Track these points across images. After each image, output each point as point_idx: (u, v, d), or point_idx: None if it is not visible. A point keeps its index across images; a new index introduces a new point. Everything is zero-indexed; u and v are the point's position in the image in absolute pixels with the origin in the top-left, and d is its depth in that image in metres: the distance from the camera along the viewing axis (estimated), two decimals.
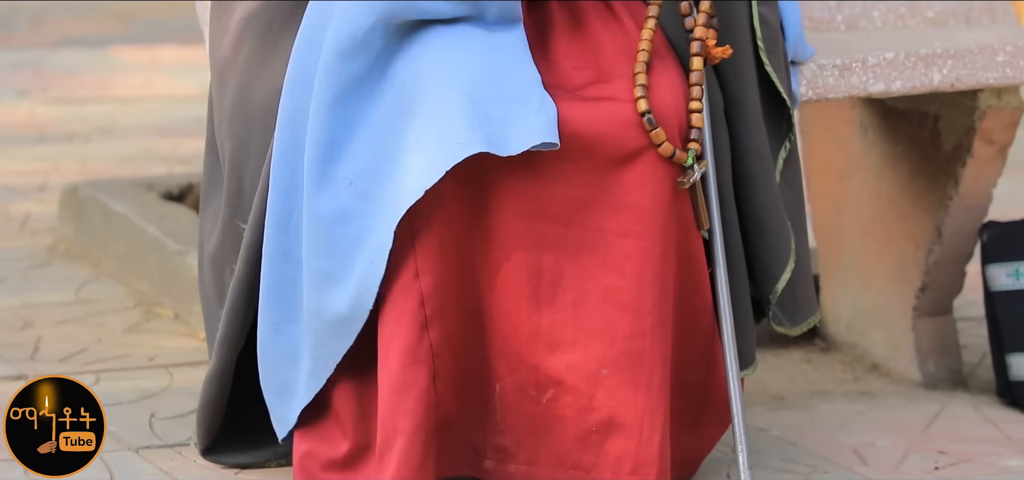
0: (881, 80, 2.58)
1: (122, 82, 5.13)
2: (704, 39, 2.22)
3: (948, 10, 2.86)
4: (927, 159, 2.81)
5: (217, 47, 2.33)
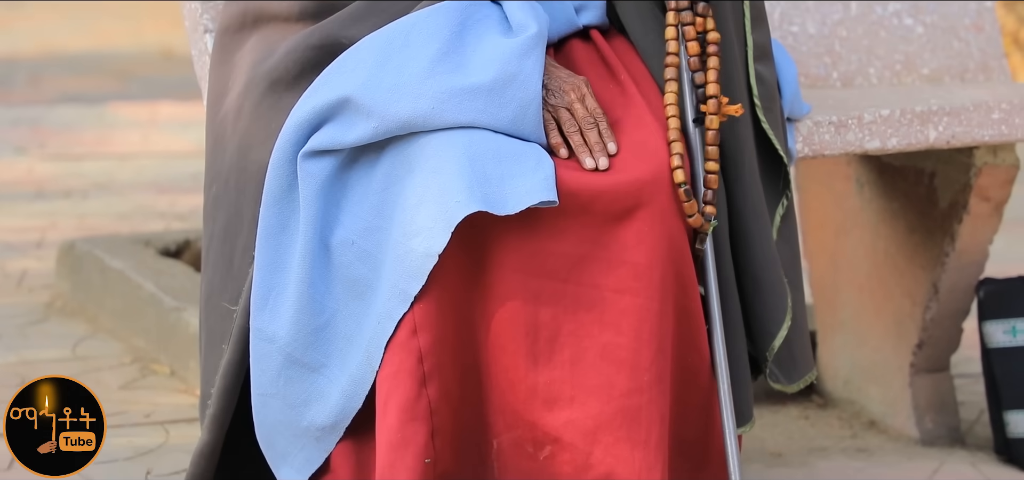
0: (877, 137, 2.59)
1: (120, 139, 5.15)
2: (718, 96, 2.23)
3: (943, 68, 2.88)
4: (923, 216, 2.82)
5: (215, 108, 2.33)
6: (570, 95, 2.19)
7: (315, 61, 2.21)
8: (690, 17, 2.23)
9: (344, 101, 2.14)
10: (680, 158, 2.17)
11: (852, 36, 2.90)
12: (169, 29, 7.12)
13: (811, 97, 2.67)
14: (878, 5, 2.92)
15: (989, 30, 2.94)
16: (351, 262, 2.15)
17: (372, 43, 2.18)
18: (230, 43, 2.33)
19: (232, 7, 2.34)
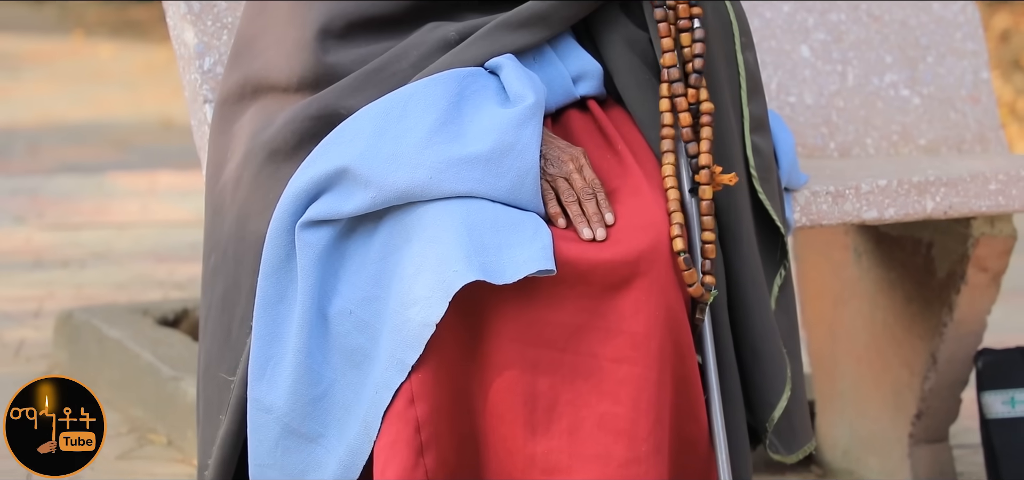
0: (874, 207, 2.60)
1: (118, 208, 5.15)
2: (711, 166, 2.24)
3: (940, 139, 2.89)
4: (921, 286, 2.82)
5: (215, 178, 2.33)
6: (568, 165, 2.19)
7: (314, 131, 2.22)
8: (682, 88, 2.24)
9: (342, 171, 2.15)
10: (679, 228, 2.17)
11: (849, 107, 2.91)
12: (169, 98, 7.14)
13: (808, 167, 2.68)
14: (875, 76, 2.93)
15: (985, 101, 2.95)
16: (349, 331, 2.15)
17: (370, 113, 2.19)
18: (229, 113, 2.34)
19: (231, 78, 2.35)
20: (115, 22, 10.16)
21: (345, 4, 2.27)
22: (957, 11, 2.99)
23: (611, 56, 2.31)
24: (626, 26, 2.32)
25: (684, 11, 2.25)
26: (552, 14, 2.27)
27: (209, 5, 2.56)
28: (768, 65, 2.88)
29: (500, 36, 2.25)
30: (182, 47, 2.56)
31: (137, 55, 8.87)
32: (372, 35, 2.28)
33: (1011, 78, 6.67)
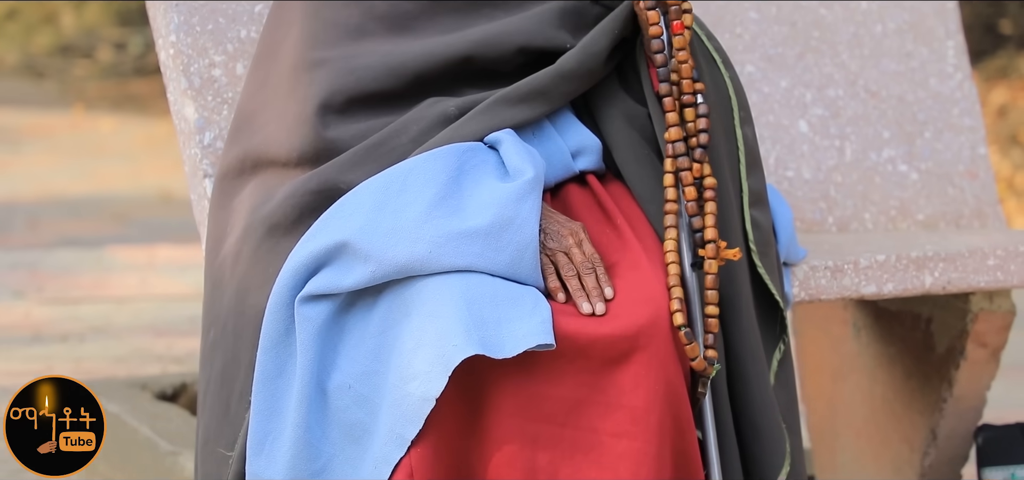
0: (873, 282, 2.60)
1: (118, 282, 5.15)
2: (716, 241, 2.24)
3: (938, 214, 2.89)
4: (920, 361, 2.82)
5: (214, 252, 2.34)
6: (568, 240, 2.20)
7: (313, 206, 2.22)
8: (687, 162, 2.25)
9: (341, 245, 2.15)
10: (680, 302, 2.17)
11: (847, 182, 2.91)
12: (168, 172, 7.16)
13: (807, 242, 2.68)
14: (873, 151, 2.94)
15: (983, 177, 2.96)
16: (348, 406, 2.15)
17: (370, 187, 2.20)
18: (229, 188, 2.34)
19: (231, 152, 2.36)
20: (116, 96, 10.20)
21: (345, 79, 2.28)
22: (954, 87, 3.00)
23: (610, 131, 2.32)
24: (625, 101, 2.33)
25: (688, 87, 2.26)
26: (551, 89, 2.28)
27: (210, 81, 2.57)
28: (766, 140, 2.89)
29: (499, 111, 2.26)
30: (182, 122, 2.57)
31: (137, 129, 8.89)
32: (372, 110, 2.29)
33: (1009, 153, 6.69)
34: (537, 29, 2.31)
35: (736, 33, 2.95)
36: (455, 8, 2.34)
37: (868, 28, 3.01)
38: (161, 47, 2.60)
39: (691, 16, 2.26)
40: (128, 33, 11.50)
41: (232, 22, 2.61)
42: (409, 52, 2.30)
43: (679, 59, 2.25)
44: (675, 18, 2.25)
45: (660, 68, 2.26)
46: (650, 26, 2.25)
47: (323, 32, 2.32)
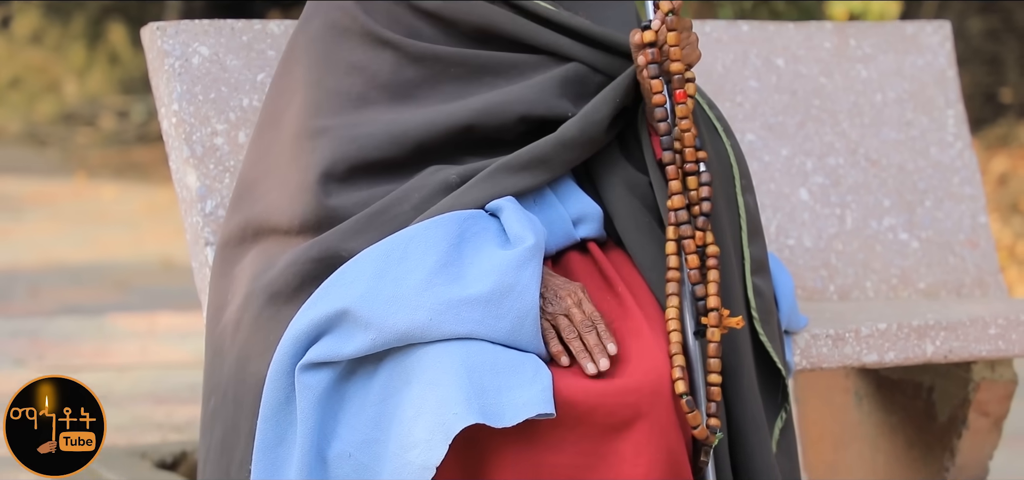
0: (875, 351, 2.59)
1: (118, 350, 5.15)
2: (718, 309, 2.24)
3: (940, 283, 2.89)
4: (922, 430, 2.81)
5: (215, 320, 2.33)
6: (567, 301, 2.20)
7: (315, 274, 2.22)
8: (690, 230, 2.25)
9: (342, 313, 2.15)
10: (681, 370, 2.17)
11: (848, 250, 2.92)
12: (170, 239, 7.16)
13: (808, 310, 2.68)
14: (873, 220, 2.94)
15: (984, 246, 2.96)
16: (348, 475, 2.14)
17: (370, 255, 2.20)
18: (230, 256, 2.35)
19: (233, 221, 2.36)
20: (118, 164, 10.23)
21: (347, 148, 2.29)
22: (954, 155, 3.01)
23: (611, 199, 2.33)
24: (626, 169, 2.33)
25: (690, 155, 2.26)
26: (553, 157, 2.29)
27: (212, 149, 2.58)
28: (767, 208, 2.89)
29: (501, 179, 2.26)
30: (184, 190, 2.57)
31: (139, 196, 8.91)
32: (374, 178, 2.29)
33: (1010, 221, 6.69)
34: (539, 98, 2.32)
35: (737, 102, 2.96)
36: (457, 76, 2.35)
37: (868, 97, 3.01)
38: (164, 116, 2.61)
39: (694, 85, 2.27)
40: (131, 101, 11.54)
41: (235, 91, 2.62)
42: (411, 121, 2.30)
43: (682, 127, 2.26)
44: (678, 87, 2.26)
45: (663, 137, 2.26)
46: (653, 95, 2.26)
47: (326, 101, 2.33)
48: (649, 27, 2.26)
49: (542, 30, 2.36)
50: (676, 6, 2.25)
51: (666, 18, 2.25)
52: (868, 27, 3.07)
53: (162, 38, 2.60)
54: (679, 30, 2.25)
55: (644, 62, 2.26)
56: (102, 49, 12.65)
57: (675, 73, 2.25)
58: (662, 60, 2.26)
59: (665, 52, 2.25)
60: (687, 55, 2.26)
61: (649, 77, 2.26)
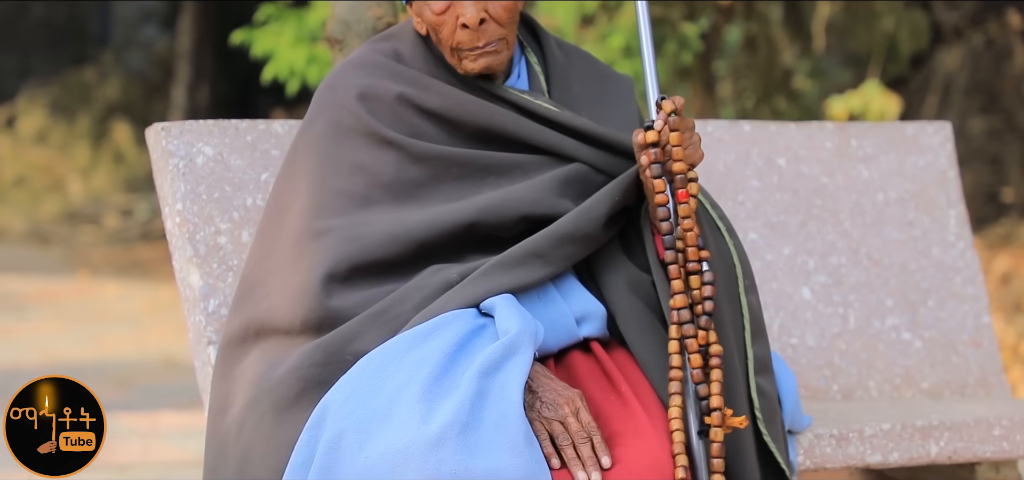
0: (878, 451, 2.58)
1: (120, 448, 5.13)
2: (722, 409, 2.23)
3: (943, 382, 2.88)
4: None
5: (217, 421, 2.33)
6: (564, 409, 2.19)
7: (319, 379, 2.22)
8: (692, 329, 2.25)
9: (338, 435, 2.14)
10: (685, 470, 2.16)
11: (851, 349, 2.91)
12: (172, 337, 7.15)
13: (812, 409, 2.67)
14: (876, 319, 2.94)
15: (987, 346, 2.96)
16: None
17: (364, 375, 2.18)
18: (232, 356, 2.34)
19: (236, 320, 2.36)
20: (121, 262, 10.23)
21: (350, 248, 2.29)
22: (957, 255, 3.01)
23: (614, 298, 2.33)
24: (628, 268, 2.33)
25: (693, 254, 2.27)
26: (549, 252, 2.29)
27: (215, 248, 2.58)
28: (770, 307, 2.89)
29: (497, 275, 2.26)
30: (187, 289, 2.57)
31: (142, 294, 8.91)
32: (376, 278, 2.29)
33: (1013, 321, 6.68)
34: (540, 197, 2.32)
35: (739, 201, 2.97)
36: (460, 176, 2.36)
37: (870, 197, 3.02)
38: (168, 215, 2.62)
39: (697, 184, 2.28)
40: (135, 199, 11.58)
41: (238, 190, 2.63)
42: (414, 221, 2.31)
43: (685, 227, 2.26)
44: (681, 186, 2.26)
45: (666, 236, 2.27)
46: (656, 194, 2.27)
47: (329, 201, 2.33)
48: (652, 127, 2.27)
49: (544, 130, 2.38)
50: (679, 106, 2.26)
51: (669, 118, 2.26)
52: (869, 127, 3.09)
53: (167, 138, 2.61)
54: (682, 130, 2.26)
55: (647, 161, 2.27)
56: (107, 148, 12.71)
57: (678, 173, 2.26)
58: (665, 160, 2.27)
59: (668, 152, 2.26)
60: (690, 155, 2.27)
61: (652, 176, 2.27)
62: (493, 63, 2.37)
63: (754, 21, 6.89)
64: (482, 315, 2.24)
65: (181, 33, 12.79)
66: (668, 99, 2.27)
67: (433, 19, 2.36)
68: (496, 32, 2.35)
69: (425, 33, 2.41)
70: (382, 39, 2.47)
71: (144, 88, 13.68)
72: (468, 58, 2.36)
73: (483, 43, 2.35)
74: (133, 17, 14.86)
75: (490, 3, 2.33)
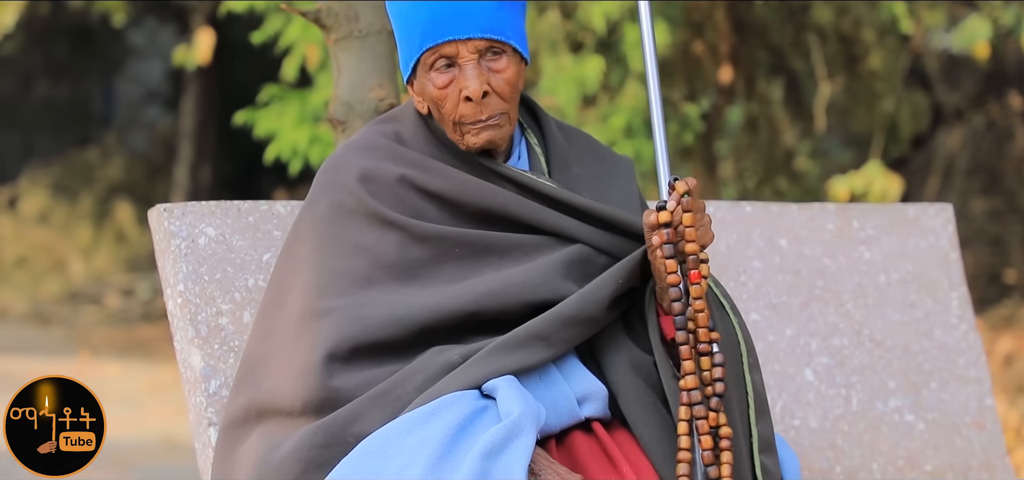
0: None
1: None
2: None
3: (946, 465, 2.87)
4: None
5: None
6: None
7: (320, 461, 2.21)
8: (703, 411, 2.24)
9: None
10: None
11: (854, 431, 2.90)
12: (172, 418, 7.13)
13: None
14: (879, 401, 2.93)
15: (991, 428, 2.94)
16: None
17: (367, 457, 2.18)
18: (233, 438, 2.33)
19: (237, 401, 2.35)
20: (122, 342, 10.22)
21: (351, 328, 2.29)
22: (959, 337, 3.01)
23: (616, 379, 2.32)
24: (631, 349, 2.33)
25: (704, 335, 2.26)
26: (552, 334, 2.28)
27: (216, 329, 2.57)
28: (772, 388, 2.88)
29: (500, 357, 2.26)
30: (188, 370, 2.56)
31: (142, 375, 8.89)
32: (378, 359, 2.29)
33: (1016, 403, 6.67)
34: (544, 281, 2.32)
35: (741, 281, 2.96)
36: (461, 257, 2.36)
37: (872, 278, 3.02)
38: (169, 296, 2.61)
39: (708, 266, 2.28)
40: (136, 279, 11.57)
41: (240, 271, 2.62)
42: (415, 304, 2.31)
43: (696, 308, 2.26)
44: (693, 267, 2.26)
45: (677, 317, 2.26)
46: (668, 275, 2.26)
47: (331, 281, 2.33)
48: (664, 207, 2.27)
49: (546, 210, 2.38)
50: (692, 187, 2.26)
51: (682, 199, 2.26)
52: (870, 209, 3.09)
53: (169, 219, 2.62)
54: (694, 211, 2.26)
55: (659, 242, 2.26)
56: (109, 227, 12.72)
57: (690, 254, 2.26)
58: (677, 240, 2.27)
59: (680, 233, 2.26)
60: (702, 236, 2.27)
61: (664, 257, 2.26)
62: (495, 137, 2.37)
63: (755, 101, 6.91)
64: (484, 397, 2.23)
65: (184, 113, 12.84)
66: (681, 180, 2.27)
67: (436, 94, 2.37)
68: (499, 106, 2.36)
69: (427, 112, 2.42)
70: (384, 121, 2.47)
71: (147, 168, 13.72)
72: (470, 132, 2.37)
73: (486, 116, 2.36)
74: (136, 97, 14.93)
75: (493, 76, 2.35)
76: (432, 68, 2.36)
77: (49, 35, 13.04)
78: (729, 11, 6.41)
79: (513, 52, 2.36)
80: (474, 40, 2.33)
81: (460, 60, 2.34)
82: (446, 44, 2.33)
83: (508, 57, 2.36)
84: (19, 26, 9.34)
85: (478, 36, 2.33)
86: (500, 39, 2.34)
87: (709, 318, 2.27)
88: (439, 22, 2.33)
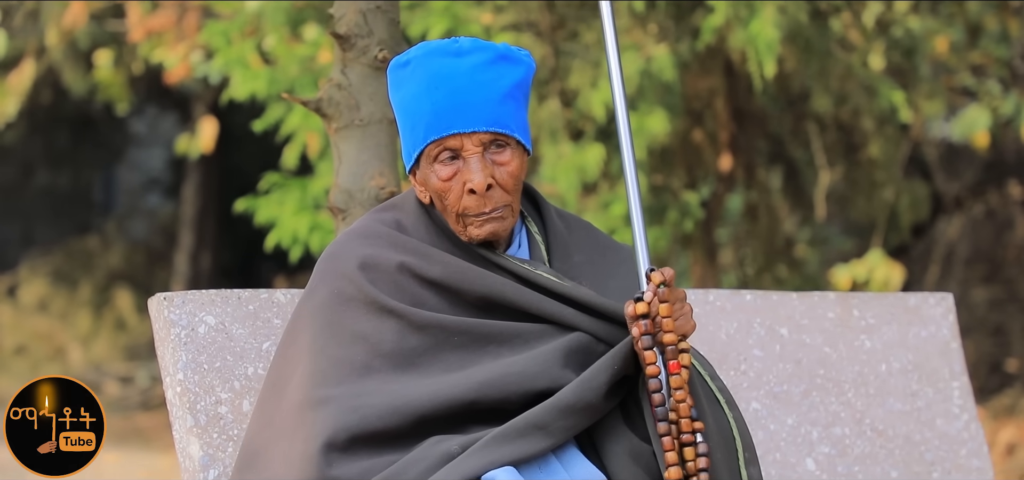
0: None
1: None
2: None
3: None
4: None
5: None
6: None
7: None
8: None
9: None
10: None
11: None
12: None
13: None
14: None
15: None
16: None
17: None
18: None
19: None
20: (121, 430, 10.19)
21: (350, 418, 2.28)
22: (961, 427, 3.00)
23: (615, 468, 2.31)
24: (629, 438, 2.32)
25: (686, 425, 2.26)
26: (551, 423, 2.28)
27: (216, 418, 2.57)
28: (774, 478, 2.87)
29: (498, 447, 2.25)
30: (187, 460, 2.55)
31: (141, 463, 8.85)
32: (376, 449, 2.28)
33: None
34: (542, 371, 2.32)
35: (741, 370, 2.96)
36: (460, 345, 2.35)
37: (873, 367, 3.01)
38: (168, 385, 2.61)
39: (689, 355, 2.27)
40: (135, 367, 11.56)
41: (240, 359, 2.62)
42: (414, 393, 2.30)
43: (677, 398, 2.25)
44: (672, 358, 2.26)
45: (658, 408, 2.26)
46: (647, 365, 2.26)
47: (330, 369, 2.33)
48: (642, 299, 2.27)
49: (545, 300, 2.38)
50: (668, 277, 2.26)
51: (658, 290, 2.26)
52: (871, 298, 3.08)
53: (169, 308, 2.61)
54: (671, 301, 2.26)
55: (638, 333, 2.27)
56: (108, 315, 12.71)
57: (668, 344, 2.26)
58: (655, 331, 2.27)
59: (658, 323, 2.26)
60: (680, 326, 2.27)
61: (643, 348, 2.26)
62: (498, 229, 2.37)
63: (755, 189, 6.93)
64: None
65: (184, 201, 12.86)
66: (657, 271, 2.27)
67: (439, 186, 2.37)
68: (502, 198, 2.36)
69: (428, 202, 2.42)
70: (384, 209, 2.48)
71: (147, 256, 13.73)
72: (474, 224, 2.37)
73: (489, 209, 2.36)
74: (137, 185, 14.96)
75: (497, 169, 2.35)
76: (436, 160, 2.36)
77: (51, 123, 13.08)
78: (728, 100, 6.43)
79: (517, 144, 2.37)
80: (479, 133, 2.34)
81: (464, 153, 2.35)
82: (451, 137, 2.34)
83: (512, 150, 2.36)
84: (21, 114, 9.37)
85: (483, 129, 2.34)
86: (504, 132, 2.35)
87: (690, 408, 2.26)
88: (444, 114, 2.33)
